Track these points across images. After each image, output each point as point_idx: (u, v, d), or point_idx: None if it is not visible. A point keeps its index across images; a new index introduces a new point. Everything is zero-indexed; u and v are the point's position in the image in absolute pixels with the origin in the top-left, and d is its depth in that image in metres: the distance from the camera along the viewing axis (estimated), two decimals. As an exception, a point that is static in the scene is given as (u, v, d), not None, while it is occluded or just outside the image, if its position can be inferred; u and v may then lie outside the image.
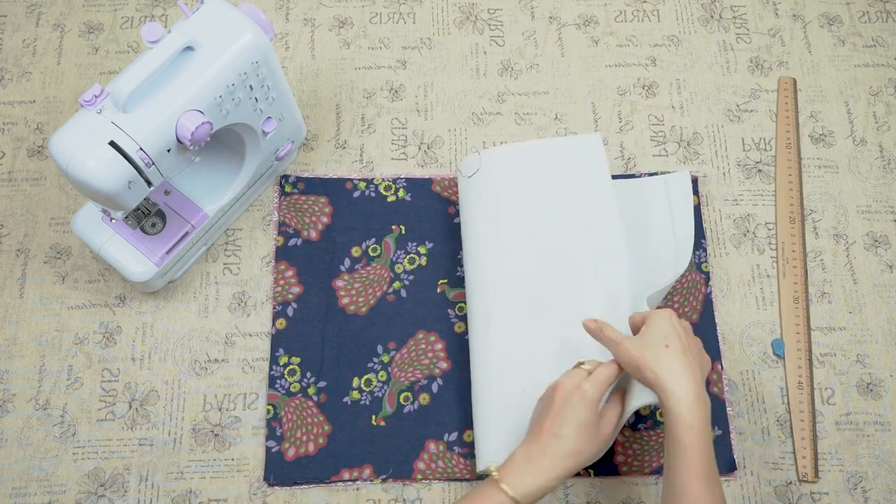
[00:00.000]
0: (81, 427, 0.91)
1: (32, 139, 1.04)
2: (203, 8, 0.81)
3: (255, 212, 1.01)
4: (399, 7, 1.12)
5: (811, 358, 0.95)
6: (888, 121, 1.06)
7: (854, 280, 0.99)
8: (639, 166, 1.03)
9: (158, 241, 0.92)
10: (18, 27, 1.09)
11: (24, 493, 0.88)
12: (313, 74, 1.08)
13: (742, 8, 1.12)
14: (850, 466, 0.91)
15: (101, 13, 1.10)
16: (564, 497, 0.89)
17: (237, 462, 0.90)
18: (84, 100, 0.76)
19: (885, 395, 0.94)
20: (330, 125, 1.05)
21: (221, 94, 0.81)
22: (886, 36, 1.11)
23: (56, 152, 0.76)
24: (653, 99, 1.07)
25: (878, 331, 0.96)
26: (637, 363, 0.75)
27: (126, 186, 0.77)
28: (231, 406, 0.93)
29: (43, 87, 1.06)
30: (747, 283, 0.98)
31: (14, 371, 0.93)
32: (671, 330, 0.75)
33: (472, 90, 1.07)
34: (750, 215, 1.01)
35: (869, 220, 1.01)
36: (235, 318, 0.96)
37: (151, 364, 0.94)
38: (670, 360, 0.73)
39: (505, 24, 1.11)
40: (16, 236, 0.99)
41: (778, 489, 0.90)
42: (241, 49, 0.81)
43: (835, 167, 1.04)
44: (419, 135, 1.05)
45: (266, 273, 0.98)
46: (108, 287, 0.97)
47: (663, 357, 0.73)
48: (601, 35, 1.10)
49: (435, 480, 0.90)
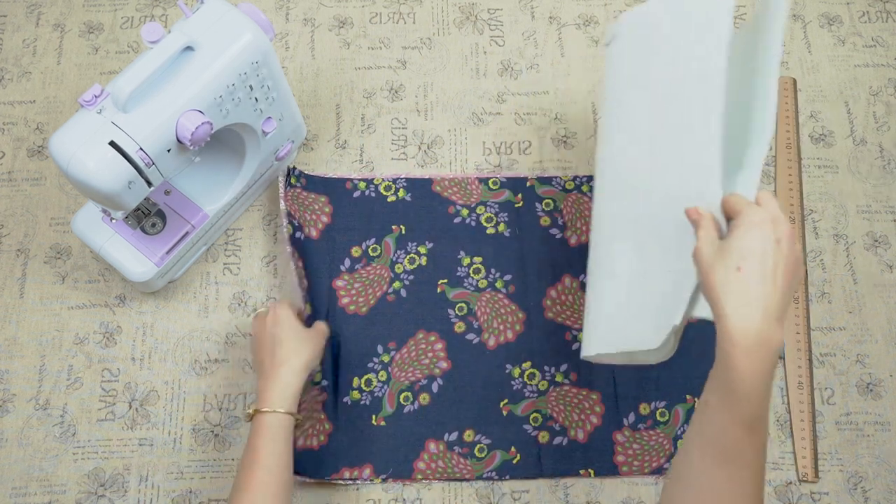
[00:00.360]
0: (81, 427, 0.91)
1: (32, 139, 1.04)
2: (203, 8, 0.81)
3: (255, 212, 1.01)
4: (399, 7, 1.12)
5: (811, 358, 0.95)
6: (888, 121, 1.06)
7: (854, 280, 0.99)
8: (639, 166, 1.03)
9: (158, 241, 0.92)
10: (18, 27, 1.09)
11: (24, 493, 0.88)
12: (313, 74, 1.08)
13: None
14: (850, 466, 0.91)
15: (101, 13, 1.10)
16: (564, 497, 0.89)
17: (237, 462, 0.90)
18: (84, 100, 0.76)
19: (884, 395, 0.94)
20: (330, 125, 1.05)
21: (221, 94, 0.81)
22: (886, 36, 1.11)
23: (56, 152, 0.76)
24: (653, 99, 1.07)
25: (877, 331, 0.96)
26: (703, 278, 0.63)
27: (126, 186, 0.77)
28: (231, 406, 0.93)
29: (43, 87, 1.06)
30: (747, 283, 0.98)
31: (14, 371, 0.93)
32: (757, 244, 0.61)
33: (472, 90, 1.07)
34: (750, 215, 1.01)
35: (869, 220, 1.01)
36: (235, 318, 0.96)
37: (151, 364, 0.94)
38: (740, 287, 0.60)
39: (505, 24, 1.11)
40: (16, 236, 0.99)
41: (778, 489, 0.90)
42: (241, 49, 0.81)
43: (835, 167, 1.04)
44: (419, 135, 1.05)
45: (266, 273, 0.98)
46: (108, 287, 0.97)
47: (732, 281, 0.60)
48: (601, 35, 1.10)
49: (435, 480, 0.90)
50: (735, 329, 0.59)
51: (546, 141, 1.05)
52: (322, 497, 0.89)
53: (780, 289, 0.60)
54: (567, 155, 1.04)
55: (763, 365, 0.59)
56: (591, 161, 1.04)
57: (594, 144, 1.04)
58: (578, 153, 1.04)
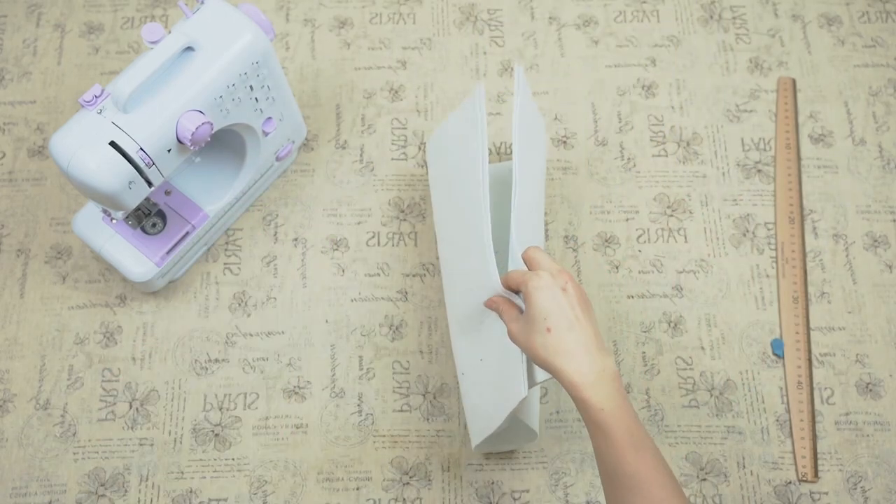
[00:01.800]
0: (81, 427, 0.91)
1: (33, 139, 1.04)
2: (203, 8, 0.81)
3: (255, 212, 1.01)
4: (399, 7, 1.12)
5: (811, 358, 0.95)
6: (888, 121, 1.06)
7: (853, 280, 0.99)
8: (638, 166, 1.03)
9: (159, 241, 0.92)
10: (19, 27, 1.09)
11: (24, 493, 0.89)
12: (313, 74, 1.08)
13: (741, 8, 1.12)
14: (850, 466, 0.91)
15: (101, 13, 1.10)
16: (564, 497, 0.90)
17: (237, 462, 0.90)
18: (84, 100, 0.76)
19: (884, 395, 0.94)
20: (330, 125, 1.05)
21: (222, 95, 0.81)
22: (886, 36, 1.11)
23: (56, 152, 0.76)
24: (652, 99, 1.07)
25: (877, 331, 0.96)
26: (525, 351, 0.69)
27: (126, 186, 0.77)
28: (231, 406, 0.93)
29: (43, 87, 1.06)
30: (747, 283, 0.98)
31: (14, 371, 0.93)
32: (550, 303, 0.67)
33: (472, 90, 1.07)
34: (749, 215, 1.01)
35: (868, 220, 1.01)
36: (235, 318, 0.96)
37: (152, 364, 0.94)
38: (557, 343, 0.66)
39: (505, 25, 1.11)
40: (16, 236, 0.99)
41: (778, 489, 0.90)
42: (241, 49, 0.81)
43: (834, 167, 1.04)
44: (419, 135, 1.05)
45: (266, 273, 0.98)
46: (108, 287, 0.97)
47: (550, 343, 0.66)
48: (601, 35, 1.11)
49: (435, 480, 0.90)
50: (573, 376, 0.65)
51: (546, 141, 1.05)
52: (322, 497, 0.89)
53: (586, 325, 0.67)
54: (567, 155, 1.04)
55: (609, 389, 0.65)
56: (590, 161, 1.04)
57: (592, 145, 1.04)
58: (578, 153, 1.04)
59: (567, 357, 0.66)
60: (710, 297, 0.98)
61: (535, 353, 0.67)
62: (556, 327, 0.66)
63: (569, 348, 0.66)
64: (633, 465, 0.64)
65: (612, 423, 0.65)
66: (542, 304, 0.67)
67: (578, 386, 0.65)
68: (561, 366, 0.66)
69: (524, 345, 0.69)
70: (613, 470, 0.65)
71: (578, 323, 0.67)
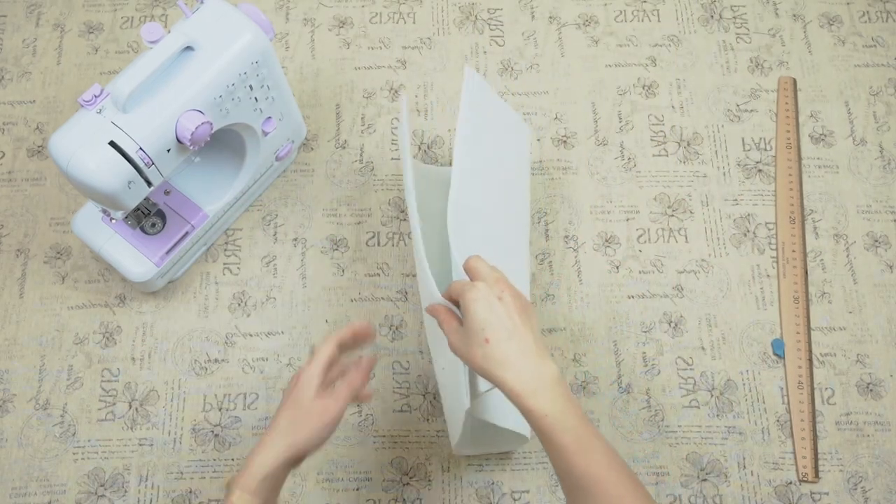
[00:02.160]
0: (81, 427, 0.91)
1: (32, 139, 1.04)
2: (203, 8, 0.81)
3: (255, 212, 1.01)
4: (399, 7, 1.12)
5: (811, 358, 0.95)
6: (888, 121, 1.06)
7: (854, 280, 0.99)
8: (639, 166, 1.03)
9: (158, 241, 0.92)
10: (18, 27, 1.09)
11: (24, 493, 0.88)
12: (313, 74, 1.08)
13: (742, 8, 1.12)
14: (850, 466, 0.91)
15: (101, 13, 1.10)
16: (564, 497, 0.89)
17: (237, 462, 0.90)
18: (84, 100, 0.76)
19: (885, 395, 0.94)
20: (330, 125, 1.05)
21: (221, 94, 0.81)
22: (886, 36, 1.11)
23: (56, 152, 0.76)
24: (653, 99, 1.07)
25: (878, 331, 0.96)
26: (466, 363, 0.69)
27: (126, 186, 0.77)
28: (231, 406, 0.93)
29: (43, 87, 1.06)
30: (747, 283, 0.98)
31: (14, 371, 0.93)
32: (488, 313, 0.66)
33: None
34: (750, 215, 1.01)
35: (869, 220, 1.01)
36: (235, 318, 0.96)
37: (151, 364, 0.94)
38: (496, 353, 0.66)
39: (505, 24, 1.11)
40: (16, 236, 0.99)
41: (778, 489, 0.90)
42: (240, 49, 0.81)
43: (835, 167, 1.04)
44: (419, 135, 1.05)
45: (266, 273, 0.98)
46: (108, 287, 0.97)
47: (489, 354, 0.66)
48: (601, 35, 1.10)
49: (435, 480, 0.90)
50: (515, 385, 0.65)
51: (546, 141, 1.05)
52: (322, 497, 0.89)
53: (525, 332, 0.67)
54: (567, 155, 1.04)
55: (551, 395, 0.65)
56: (591, 161, 1.04)
57: (593, 145, 1.04)
58: (579, 153, 1.04)
59: (507, 367, 0.65)
60: (711, 297, 0.98)
61: (476, 364, 0.67)
62: (494, 338, 0.66)
63: (508, 358, 0.65)
64: (582, 468, 0.64)
65: (557, 428, 0.64)
66: (480, 315, 0.66)
67: (521, 395, 0.65)
68: (502, 376, 0.65)
69: (465, 356, 0.68)
70: (566, 474, 0.65)
71: (517, 331, 0.66)
